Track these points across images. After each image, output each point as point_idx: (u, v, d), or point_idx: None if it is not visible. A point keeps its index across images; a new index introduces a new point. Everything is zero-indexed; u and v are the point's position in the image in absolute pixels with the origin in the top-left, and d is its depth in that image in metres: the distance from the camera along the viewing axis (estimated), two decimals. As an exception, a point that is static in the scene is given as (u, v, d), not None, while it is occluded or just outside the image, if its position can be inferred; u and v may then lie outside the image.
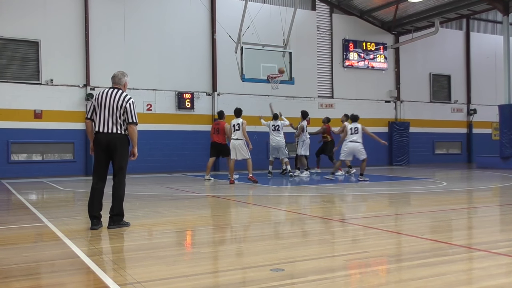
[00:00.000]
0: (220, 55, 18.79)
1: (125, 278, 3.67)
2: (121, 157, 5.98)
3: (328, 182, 12.62)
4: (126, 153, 6.03)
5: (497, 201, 9.35)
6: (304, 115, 15.84)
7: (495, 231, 5.86)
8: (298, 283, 3.52)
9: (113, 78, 6.19)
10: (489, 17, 25.18)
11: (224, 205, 8.71)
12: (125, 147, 5.99)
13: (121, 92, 6.03)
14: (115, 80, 6.17)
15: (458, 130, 24.69)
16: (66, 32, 16.71)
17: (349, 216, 7.01)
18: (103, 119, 5.90)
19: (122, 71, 6.28)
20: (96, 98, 6.01)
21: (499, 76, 22.88)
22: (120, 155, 5.96)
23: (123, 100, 5.94)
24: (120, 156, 5.97)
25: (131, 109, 5.97)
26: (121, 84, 6.18)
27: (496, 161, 18.96)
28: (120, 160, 5.98)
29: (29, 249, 4.89)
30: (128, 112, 5.93)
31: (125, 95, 6.02)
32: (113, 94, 5.98)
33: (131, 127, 5.94)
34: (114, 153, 5.95)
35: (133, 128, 5.96)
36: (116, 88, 6.10)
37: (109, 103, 5.91)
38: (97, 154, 5.98)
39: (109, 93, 5.98)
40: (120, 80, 6.17)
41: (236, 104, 18.93)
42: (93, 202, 5.94)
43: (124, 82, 6.20)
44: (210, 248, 4.94)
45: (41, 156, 16.61)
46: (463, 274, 3.83)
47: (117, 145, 5.91)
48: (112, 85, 6.17)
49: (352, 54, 21.84)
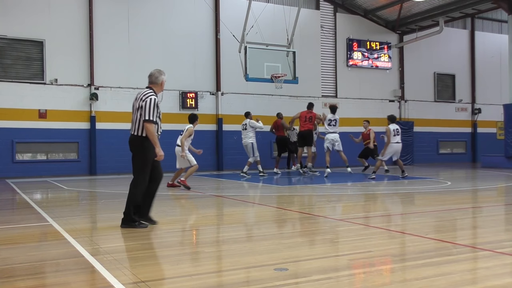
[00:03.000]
0: (224, 55, 18.80)
1: (129, 277, 3.67)
2: (136, 158, 5.87)
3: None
4: (141, 154, 5.84)
5: (502, 200, 9.31)
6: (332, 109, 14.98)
7: (500, 231, 5.83)
8: (302, 283, 3.52)
9: (150, 77, 6.00)
10: (494, 16, 25.08)
11: (228, 204, 8.71)
12: (140, 149, 5.81)
13: (145, 92, 5.86)
14: (152, 79, 5.98)
15: (463, 130, 24.61)
16: (70, 32, 16.75)
17: (353, 216, 7.00)
18: (131, 120, 5.94)
19: (159, 69, 6.06)
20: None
21: (503, 75, 22.79)
22: (135, 156, 5.87)
23: (140, 99, 5.79)
24: (135, 158, 5.87)
25: (147, 105, 5.71)
26: (158, 83, 5.98)
27: (501, 160, 18.89)
28: (135, 162, 5.89)
29: (33, 248, 4.91)
30: (143, 109, 5.72)
31: (146, 92, 5.83)
32: (141, 94, 5.88)
33: (145, 124, 5.73)
34: (132, 154, 5.90)
35: (147, 126, 5.71)
36: (149, 87, 5.95)
37: (134, 103, 5.89)
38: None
39: (139, 93, 5.94)
40: (156, 79, 5.97)
41: (240, 104, 19.03)
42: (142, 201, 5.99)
43: (161, 81, 5.98)
44: (214, 248, 4.94)
45: (46, 155, 16.66)
46: (467, 273, 3.82)
47: (133, 146, 5.85)
48: (148, 85, 6.01)
49: (356, 54, 21.79)
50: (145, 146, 5.80)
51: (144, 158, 5.83)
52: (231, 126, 18.65)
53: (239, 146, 17.42)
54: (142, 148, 5.80)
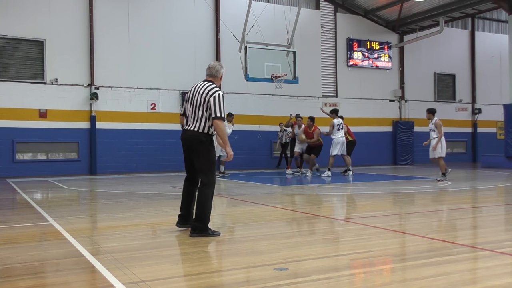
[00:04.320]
0: (224, 55, 18.79)
1: (129, 277, 3.67)
2: (201, 158, 5.39)
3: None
4: (207, 153, 5.39)
5: (502, 200, 9.31)
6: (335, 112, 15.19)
7: (500, 231, 5.83)
8: (302, 282, 3.52)
9: (209, 69, 5.63)
10: (494, 16, 25.07)
11: (228, 204, 8.71)
12: (204, 147, 5.38)
13: (209, 85, 5.46)
14: (212, 72, 5.60)
15: (463, 130, 24.60)
16: (70, 32, 16.75)
17: (353, 215, 7.00)
18: (188, 115, 5.53)
19: (219, 62, 5.75)
20: (188, 92, 5.66)
21: (504, 75, 22.79)
22: (198, 155, 5.40)
23: (207, 94, 5.36)
24: (198, 157, 5.40)
25: (216, 101, 5.30)
26: (218, 76, 5.61)
27: (501, 160, 18.88)
28: (200, 161, 5.40)
29: (33, 248, 4.91)
30: (211, 105, 5.30)
31: (211, 87, 5.42)
32: (201, 87, 5.47)
33: (215, 122, 5.29)
34: (192, 153, 5.46)
35: (218, 123, 5.28)
36: (208, 80, 5.57)
37: (196, 97, 5.44)
38: (183, 152, 5.63)
39: (198, 87, 5.52)
40: (217, 72, 5.60)
41: (240, 103, 19.04)
42: (181, 199, 5.73)
43: (220, 74, 5.66)
44: (214, 247, 4.94)
45: (46, 155, 16.66)
46: (467, 273, 3.82)
47: (195, 144, 5.39)
48: (206, 77, 5.63)
49: (356, 54, 21.78)
50: (212, 144, 5.51)
51: (213, 156, 5.49)
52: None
53: (239, 146, 17.47)
54: (209, 146, 5.44)
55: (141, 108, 17.52)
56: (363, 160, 20.08)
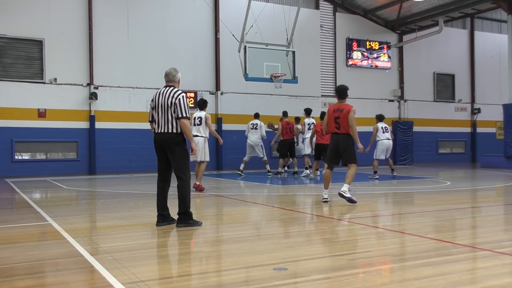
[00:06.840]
0: (223, 54, 18.79)
1: (128, 277, 3.67)
2: (179, 157, 5.96)
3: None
4: (182, 152, 5.98)
5: (501, 200, 9.32)
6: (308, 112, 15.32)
7: (499, 231, 5.83)
8: (301, 282, 3.52)
9: (167, 76, 6.19)
10: (493, 16, 25.08)
11: (228, 204, 8.71)
12: (180, 147, 5.95)
13: (172, 89, 6.03)
14: (170, 78, 6.18)
15: (462, 129, 24.61)
16: (70, 31, 16.73)
17: (353, 215, 7.00)
18: (158, 119, 6.01)
19: (174, 68, 6.30)
20: (152, 99, 6.13)
21: (503, 75, 22.80)
22: (176, 155, 5.95)
23: (172, 96, 5.92)
24: (176, 156, 5.95)
25: (181, 103, 5.90)
26: (176, 81, 6.20)
27: (500, 160, 18.90)
28: (178, 160, 5.97)
29: (33, 248, 4.91)
30: (178, 107, 5.87)
31: (175, 90, 6.01)
32: (166, 92, 6.00)
33: (181, 121, 5.89)
34: (168, 153, 5.98)
35: (184, 122, 5.89)
36: (169, 86, 6.11)
37: (162, 102, 5.96)
38: (156, 154, 6.13)
39: (162, 93, 6.03)
40: (174, 77, 6.19)
41: (240, 103, 19.04)
42: (157, 200, 6.09)
43: (178, 79, 6.24)
44: (213, 247, 4.94)
45: (45, 155, 16.65)
46: (467, 273, 3.82)
47: (170, 144, 5.92)
48: (166, 84, 6.17)
49: (356, 53, 21.79)
50: (184, 142, 6.02)
51: (186, 153, 6.04)
52: (231, 126, 18.66)
53: (239, 145, 17.44)
54: (182, 144, 5.98)
55: (140, 108, 17.50)
56: (363, 160, 19.99)
